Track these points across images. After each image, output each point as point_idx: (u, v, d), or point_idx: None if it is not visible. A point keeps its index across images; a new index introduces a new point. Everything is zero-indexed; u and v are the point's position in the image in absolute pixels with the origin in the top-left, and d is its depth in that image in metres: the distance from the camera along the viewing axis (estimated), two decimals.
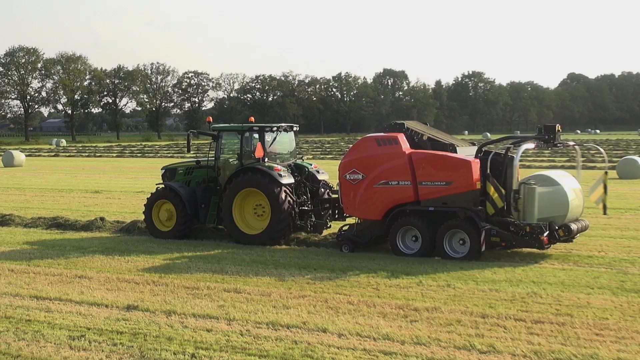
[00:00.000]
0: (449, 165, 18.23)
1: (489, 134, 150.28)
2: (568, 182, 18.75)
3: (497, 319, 12.62)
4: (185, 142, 22.49)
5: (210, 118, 24.58)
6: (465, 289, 14.78)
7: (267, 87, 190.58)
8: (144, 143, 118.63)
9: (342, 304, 13.59)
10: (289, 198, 20.54)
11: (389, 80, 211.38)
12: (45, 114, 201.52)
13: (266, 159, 21.26)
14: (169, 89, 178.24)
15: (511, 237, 17.66)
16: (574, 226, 18.06)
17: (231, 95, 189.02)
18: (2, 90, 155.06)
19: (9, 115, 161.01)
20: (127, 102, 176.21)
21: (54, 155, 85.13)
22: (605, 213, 19.76)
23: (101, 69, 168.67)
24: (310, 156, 69.25)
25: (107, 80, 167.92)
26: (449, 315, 12.81)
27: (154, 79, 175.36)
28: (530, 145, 18.67)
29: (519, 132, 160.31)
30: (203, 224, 22.08)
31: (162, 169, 24.28)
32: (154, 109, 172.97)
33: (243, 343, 11.36)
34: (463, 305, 13.47)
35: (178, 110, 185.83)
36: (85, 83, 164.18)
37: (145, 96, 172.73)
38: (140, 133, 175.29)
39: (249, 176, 20.82)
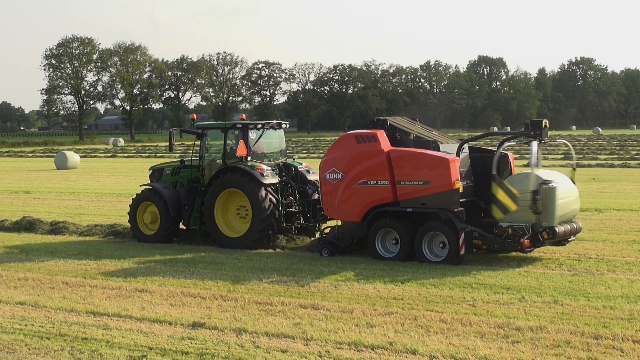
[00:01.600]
0: (426, 163, 18.93)
1: (600, 129, 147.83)
2: (559, 182, 18.94)
3: (613, 340, 12.38)
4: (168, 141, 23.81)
5: (194, 115, 25.66)
6: (574, 306, 14.55)
7: (346, 78, 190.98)
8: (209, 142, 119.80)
9: (433, 322, 13.51)
10: (271, 199, 21.39)
11: (484, 69, 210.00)
12: (101, 111, 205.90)
13: (249, 158, 22.19)
14: (237, 81, 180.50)
15: (494, 240, 18.38)
16: (560, 229, 18.43)
17: (306, 87, 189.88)
18: (54, 85, 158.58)
19: (62, 112, 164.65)
20: (191, 97, 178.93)
21: (110, 156, 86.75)
22: None
23: (162, 59, 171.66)
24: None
25: (169, 73, 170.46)
26: (557, 336, 12.61)
27: (220, 71, 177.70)
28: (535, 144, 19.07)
29: (635, 126, 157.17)
30: (187, 227, 23.22)
31: (150, 169, 25.63)
32: (220, 103, 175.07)
33: None
34: (572, 325, 13.25)
35: (247, 105, 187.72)
36: (145, 76, 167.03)
37: (211, 89, 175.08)
38: None
39: (230, 176, 21.82)
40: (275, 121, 23.53)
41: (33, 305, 15.45)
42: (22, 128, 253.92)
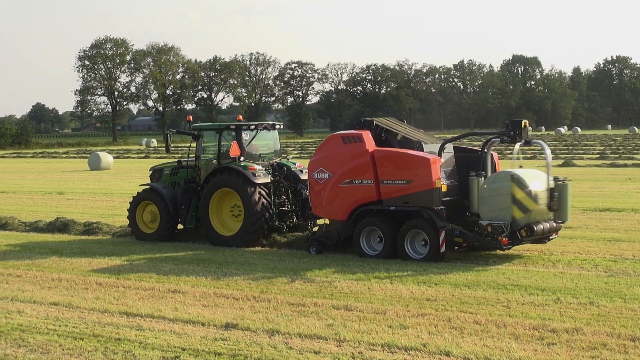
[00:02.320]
0: (408, 163, 19.54)
1: (636, 129, 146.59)
2: (534, 180, 19.16)
3: None
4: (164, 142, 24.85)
5: (190, 117, 26.38)
6: (611, 308, 14.44)
7: (379, 78, 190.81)
8: None
9: (467, 324, 13.46)
10: (262, 198, 22.12)
11: (519, 68, 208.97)
12: (134, 112, 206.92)
13: (242, 158, 22.90)
14: (270, 81, 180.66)
15: (474, 237, 18.89)
16: (538, 227, 18.73)
17: (339, 87, 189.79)
18: (88, 86, 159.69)
19: (95, 113, 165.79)
20: (224, 97, 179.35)
21: (144, 157, 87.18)
22: None
23: (195, 60, 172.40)
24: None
25: (202, 73, 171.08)
26: (593, 338, 12.52)
27: (253, 71, 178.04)
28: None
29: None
30: (184, 226, 23.91)
31: (150, 170, 26.42)
32: (253, 104, 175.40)
33: None
34: (609, 327, 13.15)
35: (280, 105, 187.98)
36: (178, 76, 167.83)
37: (243, 90, 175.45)
38: None
39: (224, 176, 22.59)
40: (268, 122, 24.45)
41: (67, 305, 15.57)
42: (56, 129, 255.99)
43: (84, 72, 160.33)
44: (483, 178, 19.50)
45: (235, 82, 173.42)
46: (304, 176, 22.99)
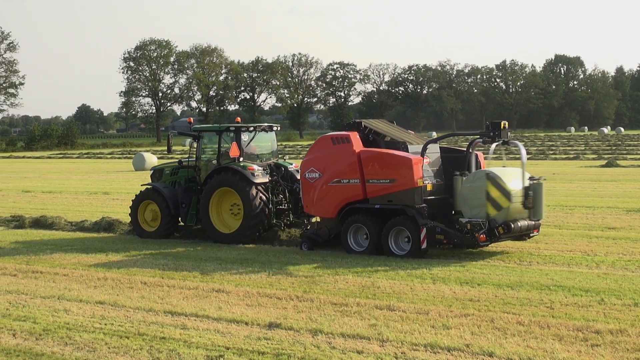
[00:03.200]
0: (392, 163, 20.28)
1: None
2: (513, 179, 19.68)
3: None
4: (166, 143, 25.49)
5: (191, 119, 26.94)
6: None
7: (421, 79, 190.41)
8: (284, 143, 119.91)
9: (510, 325, 13.37)
10: (261, 197, 22.90)
11: (561, 68, 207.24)
12: (178, 112, 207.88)
13: (241, 159, 23.68)
14: (312, 82, 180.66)
15: (454, 235, 19.54)
16: (515, 224, 19.35)
17: (381, 88, 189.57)
18: (132, 87, 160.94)
19: (139, 114, 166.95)
20: (266, 98, 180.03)
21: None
22: None
23: (238, 61, 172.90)
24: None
25: (245, 74, 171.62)
26: (637, 339, 12.40)
27: (295, 72, 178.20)
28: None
29: None
30: (184, 223, 24.71)
31: (151, 170, 27.28)
32: (295, 104, 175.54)
33: None
34: None
35: (322, 106, 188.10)
36: (221, 78, 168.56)
37: (286, 91, 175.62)
38: (281, 132, 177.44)
39: (224, 176, 23.37)
40: (266, 124, 25.42)
41: (112, 304, 15.70)
42: (101, 130, 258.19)
43: (128, 74, 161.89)
44: (465, 177, 20.17)
45: (278, 83, 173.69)
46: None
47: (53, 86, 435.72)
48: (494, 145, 20.40)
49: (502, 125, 20.41)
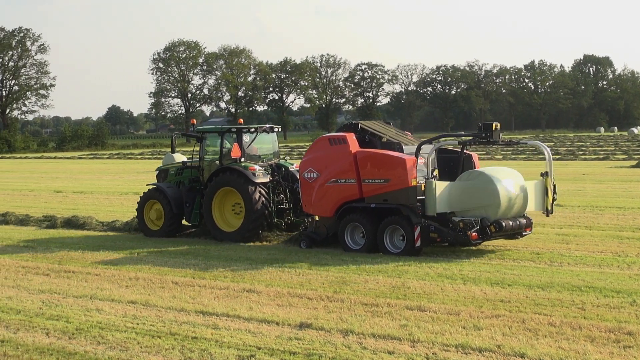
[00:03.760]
0: (386, 163, 20.76)
1: None
2: (505, 178, 20.24)
3: None
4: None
5: (194, 120, 27.98)
6: None
7: (449, 79, 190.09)
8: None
9: (542, 326, 13.30)
10: (262, 197, 23.41)
11: (590, 68, 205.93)
12: (207, 113, 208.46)
13: (243, 159, 24.18)
14: (340, 83, 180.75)
15: (447, 233, 19.97)
16: (506, 223, 19.87)
17: (409, 88, 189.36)
18: (162, 88, 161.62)
19: (169, 115, 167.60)
20: (295, 99, 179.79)
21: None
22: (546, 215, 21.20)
23: (266, 62, 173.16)
24: (500, 156, 68.18)
25: (273, 75, 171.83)
26: None
27: (323, 73, 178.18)
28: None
29: None
30: (189, 223, 25.33)
31: (156, 170, 28.04)
32: (323, 105, 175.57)
33: None
34: None
35: (350, 107, 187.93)
36: (250, 78, 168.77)
37: (314, 91, 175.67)
38: (309, 132, 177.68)
39: (226, 176, 23.91)
40: (267, 125, 26.01)
41: (144, 304, 15.76)
42: (131, 131, 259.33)
43: (157, 75, 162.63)
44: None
45: (306, 83, 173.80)
46: None
47: (83, 87, 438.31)
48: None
49: (493, 127, 20.83)
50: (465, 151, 21.73)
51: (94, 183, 51.30)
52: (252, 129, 25.22)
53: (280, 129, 26.52)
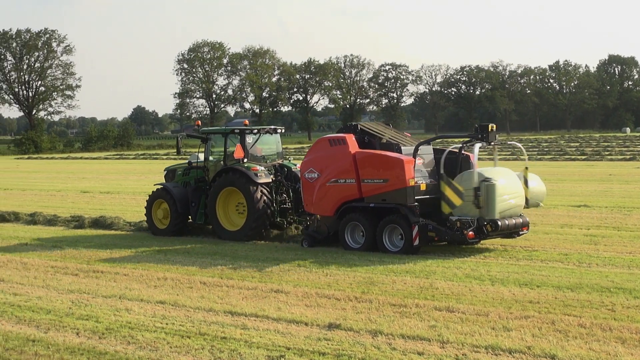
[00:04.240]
0: (385, 163, 21.11)
1: None
2: (504, 179, 20.54)
3: None
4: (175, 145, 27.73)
5: (199, 122, 28.40)
6: None
7: (473, 80, 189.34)
8: None
9: (572, 327, 13.23)
10: (264, 196, 23.89)
11: (615, 69, 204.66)
12: (231, 114, 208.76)
13: (246, 160, 24.59)
14: (364, 83, 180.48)
15: (445, 232, 20.35)
16: (502, 222, 20.10)
17: (433, 89, 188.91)
18: (187, 89, 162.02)
19: (193, 115, 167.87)
20: (319, 99, 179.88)
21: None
22: (527, 207, 21.44)
23: (291, 63, 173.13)
24: (526, 157, 67.99)
25: (297, 76, 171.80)
26: None
27: (347, 73, 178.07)
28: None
29: None
30: (194, 222, 25.87)
31: (164, 170, 28.70)
32: (347, 105, 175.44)
33: None
34: None
35: (374, 107, 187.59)
36: (274, 79, 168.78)
37: (338, 92, 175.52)
38: (333, 133, 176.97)
39: (229, 176, 24.44)
40: (270, 127, 26.47)
41: (173, 304, 15.80)
42: (155, 131, 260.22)
43: (182, 76, 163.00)
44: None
45: (330, 84, 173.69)
46: None
47: (109, 88, 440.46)
48: (476, 147, 21.15)
49: (489, 128, 21.06)
50: (463, 152, 21.90)
51: (120, 183, 51.51)
52: (255, 130, 25.71)
53: (283, 130, 26.96)
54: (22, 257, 21.85)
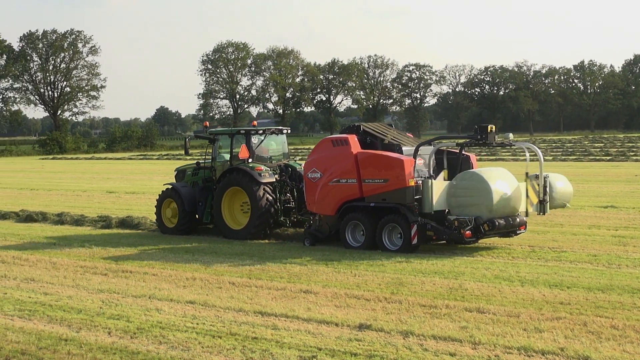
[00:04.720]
0: (385, 164, 21.50)
1: None
2: (498, 178, 20.83)
3: None
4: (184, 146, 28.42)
5: (207, 123, 28.88)
6: None
7: (497, 80, 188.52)
8: None
9: (604, 329, 13.16)
10: (267, 195, 24.25)
11: None
12: (255, 114, 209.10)
13: (250, 160, 25.05)
14: (388, 84, 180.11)
15: (443, 231, 20.75)
16: (500, 222, 20.38)
17: (457, 89, 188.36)
18: (210, 90, 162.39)
19: (217, 116, 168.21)
20: (342, 100, 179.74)
21: None
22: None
23: (314, 63, 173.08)
24: (550, 157, 67.77)
25: (321, 76, 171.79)
26: None
27: (371, 74, 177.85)
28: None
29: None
30: (201, 220, 26.26)
31: (175, 170, 29.25)
32: (371, 106, 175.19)
33: None
34: None
35: (397, 108, 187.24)
36: (297, 79, 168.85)
37: (361, 92, 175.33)
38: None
39: (234, 176, 24.89)
40: (276, 127, 27.05)
41: (202, 304, 15.84)
42: (178, 132, 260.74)
43: (206, 76, 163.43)
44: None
45: (354, 84, 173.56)
46: None
47: (132, 89, 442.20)
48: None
49: (489, 129, 21.44)
50: (463, 152, 22.33)
51: (145, 183, 51.66)
52: (261, 131, 26.12)
53: (289, 131, 27.38)
54: (51, 257, 21.98)
